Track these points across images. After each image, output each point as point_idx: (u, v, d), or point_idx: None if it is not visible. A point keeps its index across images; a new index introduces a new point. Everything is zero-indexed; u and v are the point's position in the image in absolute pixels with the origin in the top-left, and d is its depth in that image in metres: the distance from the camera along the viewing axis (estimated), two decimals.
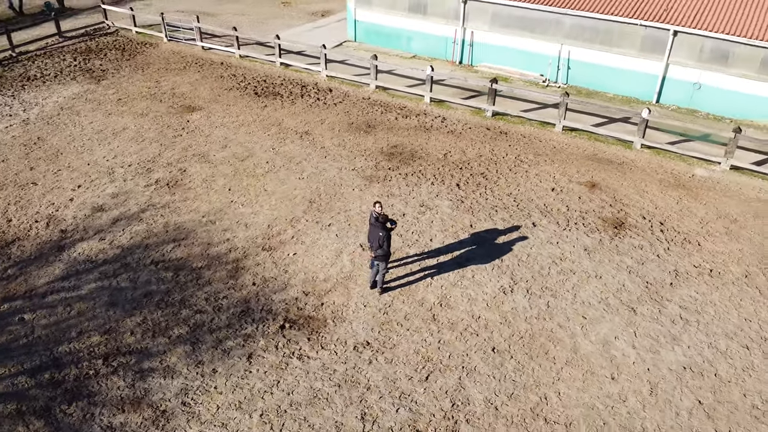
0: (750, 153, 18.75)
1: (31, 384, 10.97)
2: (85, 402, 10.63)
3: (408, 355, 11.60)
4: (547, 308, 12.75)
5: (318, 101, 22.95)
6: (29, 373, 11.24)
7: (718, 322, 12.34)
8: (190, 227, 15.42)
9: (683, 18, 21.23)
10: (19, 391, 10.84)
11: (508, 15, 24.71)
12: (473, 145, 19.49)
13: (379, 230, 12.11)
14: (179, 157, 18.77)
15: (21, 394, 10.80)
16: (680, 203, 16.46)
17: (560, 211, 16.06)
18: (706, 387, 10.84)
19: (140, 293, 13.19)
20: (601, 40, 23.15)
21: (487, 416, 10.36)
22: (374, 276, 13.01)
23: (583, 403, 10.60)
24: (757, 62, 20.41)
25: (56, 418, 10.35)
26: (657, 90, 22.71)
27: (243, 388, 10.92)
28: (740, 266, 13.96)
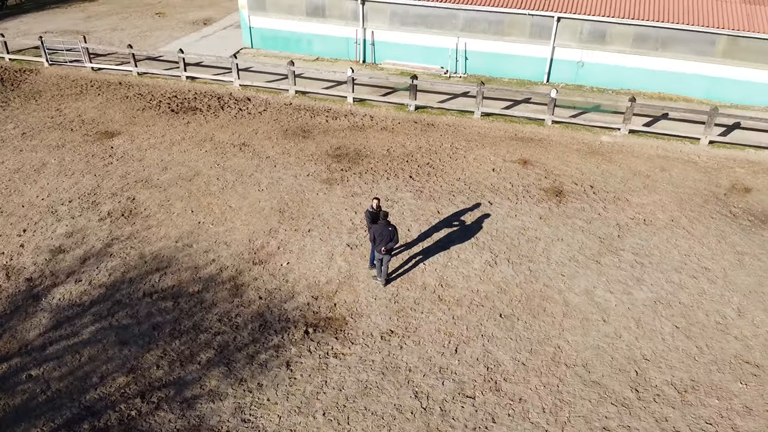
0: (638, 117, 22.05)
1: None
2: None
3: (431, 335, 12.73)
4: (530, 273, 14.51)
5: (241, 112, 22.95)
6: (65, 427, 10.80)
7: (666, 260, 14.89)
8: (169, 254, 15.17)
9: (565, 5, 24.16)
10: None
11: (406, 13, 26.28)
12: (409, 139, 20.85)
13: (387, 227, 13.05)
14: (121, 185, 18.07)
15: None
16: (600, 167, 19.12)
17: (507, 188, 17.96)
18: (676, 314, 13.21)
19: (147, 327, 12.96)
20: (494, 30, 25.54)
21: (519, 372, 11.84)
22: (377, 273, 13.95)
23: (590, 345, 12.47)
24: (630, 38, 23.88)
25: None
26: (546, 71, 25.61)
27: (295, 394, 11.40)
28: (665, 213, 16.77)
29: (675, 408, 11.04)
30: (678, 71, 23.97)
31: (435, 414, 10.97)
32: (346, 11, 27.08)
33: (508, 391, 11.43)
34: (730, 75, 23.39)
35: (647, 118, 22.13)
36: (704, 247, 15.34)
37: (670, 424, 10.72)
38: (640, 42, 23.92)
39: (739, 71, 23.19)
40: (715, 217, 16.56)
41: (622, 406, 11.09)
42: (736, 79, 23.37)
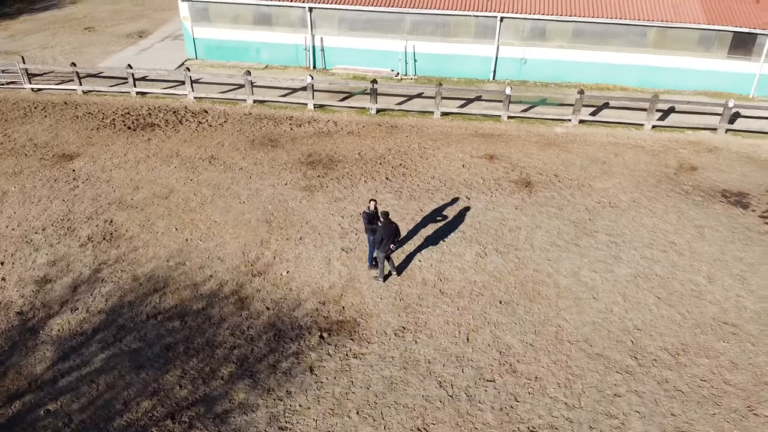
0: (584, 107, 23.62)
1: None
2: None
3: (441, 327, 13.39)
4: (519, 260, 15.46)
5: (201, 125, 22.72)
6: None
7: (636, 238, 16.26)
8: (163, 274, 15.01)
9: (507, 5, 25.44)
10: None
11: (354, 19, 26.79)
12: (377, 142, 21.41)
13: (390, 225, 13.60)
14: (94, 208, 17.58)
15: None
16: (559, 157, 20.44)
17: (480, 183, 18.90)
18: (655, 286, 14.53)
19: (159, 348, 12.87)
20: (441, 32, 26.50)
21: (529, 353, 12.71)
22: (391, 267, 14.53)
23: (586, 322, 13.53)
24: (569, 34, 25.49)
25: None
26: (492, 69, 26.86)
27: (325, 397, 11.75)
28: (626, 195, 18.23)
29: (672, 370, 12.24)
30: (614, 62, 25.82)
31: (462, 400, 11.64)
32: (293, 18, 27.24)
33: (523, 372, 12.26)
34: (661, 63, 25.46)
35: (592, 108, 23.76)
36: (667, 224, 16.86)
37: (671, 384, 11.91)
38: (578, 37, 25.59)
39: (669, 59, 25.30)
40: (670, 196, 18.18)
41: (627, 374, 12.18)
42: (667, 67, 25.47)
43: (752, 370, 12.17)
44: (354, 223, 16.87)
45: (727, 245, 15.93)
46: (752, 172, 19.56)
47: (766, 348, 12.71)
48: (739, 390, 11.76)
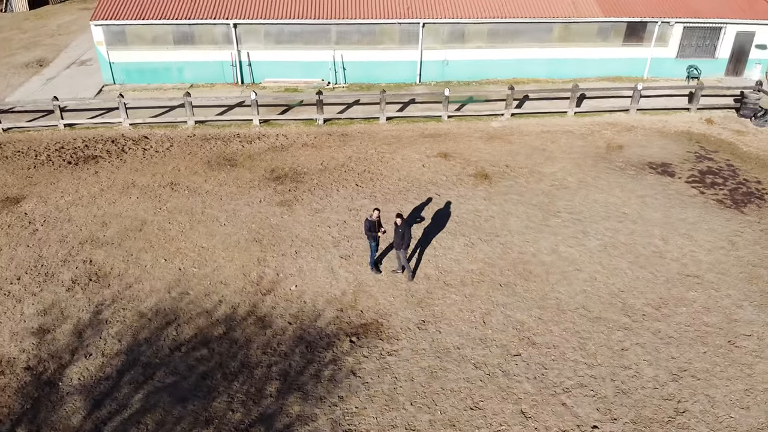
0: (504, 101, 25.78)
1: None
2: None
3: (457, 315, 14.51)
4: (503, 246, 16.96)
5: (146, 152, 22.08)
6: None
7: (594, 213, 18.36)
8: (169, 306, 14.82)
9: (428, 11, 26.99)
10: None
11: (280, 32, 27.10)
12: (335, 151, 22.06)
13: (406, 228, 14.55)
14: (66, 250, 16.77)
15: None
16: (504, 149, 22.29)
17: (444, 180, 20.23)
18: (624, 252, 16.63)
19: (196, 378, 12.85)
20: (367, 40, 27.54)
21: (540, 325, 14.19)
22: (398, 265, 15.41)
23: (578, 291, 15.26)
24: (485, 35, 27.54)
25: None
26: (418, 72, 28.35)
27: (376, 395, 12.44)
28: (572, 176, 20.38)
29: (660, 321, 14.27)
30: (525, 58, 28.28)
31: (499, 376, 12.85)
32: (217, 35, 27.00)
33: (541, 343, 13.71)
34: (566, 55, 28.28)
35: (516, 101, 25.95)
36: (614, 197, 19.17)
37: (664, 333, 13.90)
38: (493, 37, 27.74)
39: (573, 51, 28.18)
40: (608, 172, 20.60)
41: (626, 330, 14.02)
42: (571, 58, 28.34)
43: (722, 311, 14.50)
44: (342, 230, 17.52)
45: (669, 210, 18.49)
46: (667, 144, 22.59)
47: (727, 292, 15.14)
48: (717, 329, 14.00)
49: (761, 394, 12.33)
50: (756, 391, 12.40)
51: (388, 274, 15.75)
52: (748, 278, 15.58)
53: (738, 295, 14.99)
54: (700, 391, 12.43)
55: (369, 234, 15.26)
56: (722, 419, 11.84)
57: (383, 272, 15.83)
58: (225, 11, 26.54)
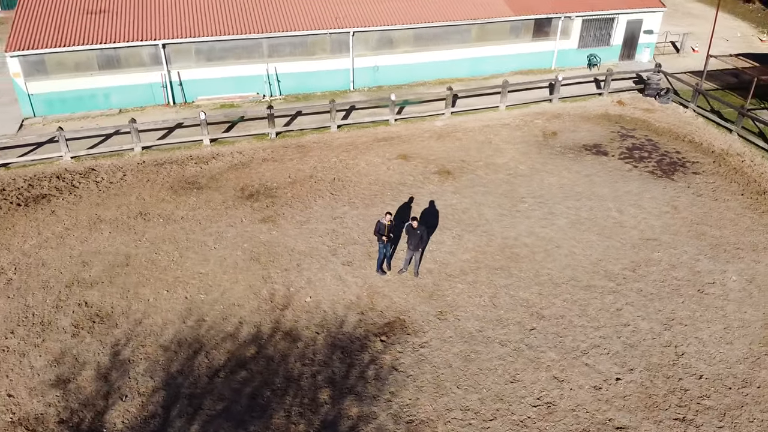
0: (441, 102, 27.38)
1: None
2: None
3: (468, 301, 15.72)
4: (487, 234, 18.42)
5: (99, 184, 21.17)
6: None
7: (553, 195, 20.34)
8: (190, 335, 14.71)
9: (357, 20, 27.91)
10: None
11: (211, 49, 26.80)
12: (298, 163, 22.41)
13: (424, 230, 15.56)
14: (54, 296, 15.95)
15: None
16: (455, 145, 23.83)
17: (411, 180, 21.35)
18: (589, 225, 18.70)
19: (246, 399, 13.03)
20: (300, 52, 27.96)
21: (543, 300, 15.76)
22: (414, 266, 16.32)
23: (564, 265, 17.05)
24: (411, 40, 28.96)
25: None
26: (351, 79, 29.22)
27: (424, 385, 13.34)
28: (523, 164, 22.34)
29: (638, 281, 16.40)
30: (448, 59, 30.08)
31: (525, 350, 14.24)
32: (145, 57, 26.16)
33: (550, 315, 15.30)
34: (483, 54, 30.44)
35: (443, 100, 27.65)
36: (565, 179, 21.33)
37: (646, 290, 16.03)
38: (419, 41, 29.25)
39: (490, 49, 30.39)
40: (553, 157, 22.80)
41: (615, 293, 15.99)
42: (489, 56, 30.56)
43: (685, 266, 16.93)
44: (335, 239, 18.11)
45: (614, 185, 20.93)
46: (592, 127, 25.30)
47: (683, 249, 17.64)
48: (686, 281, 16.37)
49: (737, 330, 14.73)
50: (732, 328, 14.78)
51: (394, 274, 16.64)
52: (696, 235, 18.23)
53: (693, 251, 17.54)
54: (690, 335, 14.61)
55: (379, 236, 16.06)
56: (714, 355, 14.04)
57: (388, 273, 16.67)
58: (153, 32, 25.79)
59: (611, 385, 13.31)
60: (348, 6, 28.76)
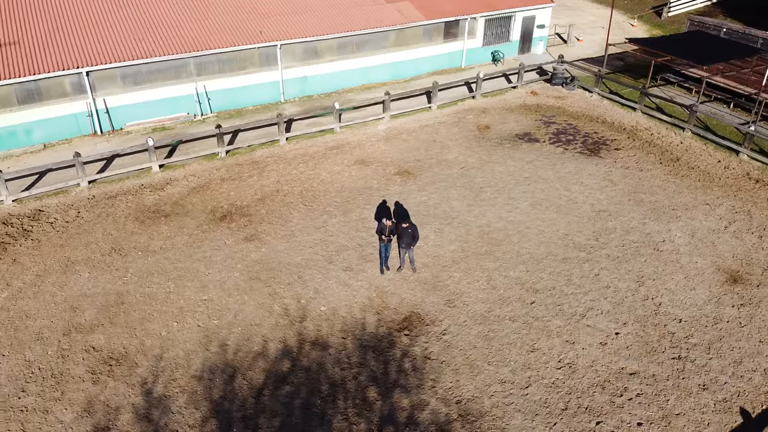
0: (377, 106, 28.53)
1: None
2: None
3: (468, 287, 17.09)
4: (462, 225, 19.89)
5: (55, 224, 19.99)
6: None
7: (508, 183, 22.27)
8: (218, 361, 14.73)
9: (282, 34, 28.23)
10: None
11: (137, 73, 25.89)
12: (259, 179, 22.50)
13: (414, 228, 16.52)
14: (53, 346, 15.15)
15: None
16: (404, 146, 25.10)
17: (376, 183, 22.31)
18: (548, 206, 20.81)
19: (299, 411, 13.43)
20: (229, 68, 27.77)
21: (531, 276, 17.51)
22: (411, 262, 17.31)
23: (539, 242, 18.95)
24: (335, 49, 29.79)
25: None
26: (281, 91, 29.49)
27: (459, 367, 14.51)
28: (471, 158, 24.10)
29: (604, 248, 18.70)
30: (371, 65, 31.28)
31: (533, 321, 15.88)
32: (68, 87, 24.71)
33: (542, 288, 17.08)
34: (402, 58, 31.99)
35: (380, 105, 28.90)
36: (512, 167, 23.40)
37: (612, 255, 18.34)
38: (343, 49, 30.15)
39: (407, 53, 32.00)
40: (495, 149, 24.82)
41: (589, 261, 18.13)
42: (406, 60, 32.16)
43: (637, 230, 19.52)
44: (326, 248, 18.68)
45: (554, 167, 23.33)
46: (518, 117, 27.73)
47: (630, 216, 20.26)
48: (641, 243, 18.91)
49: (695, 277, 17.43)
50: (691, 276, 17.46)
51: (395, 273, 17.61)
52: (636, 203, 20.99)
53: (638, 216, 20.23)
54: (660, 287, 17.06)
55: (380, 236, 16.98)
56: (685, 301, 16.57)
57: (386, 273, 17.61)
58: (74, 59, 24.43)
59: (613, 340, 15.32)
60: (272, 20, 28.99)
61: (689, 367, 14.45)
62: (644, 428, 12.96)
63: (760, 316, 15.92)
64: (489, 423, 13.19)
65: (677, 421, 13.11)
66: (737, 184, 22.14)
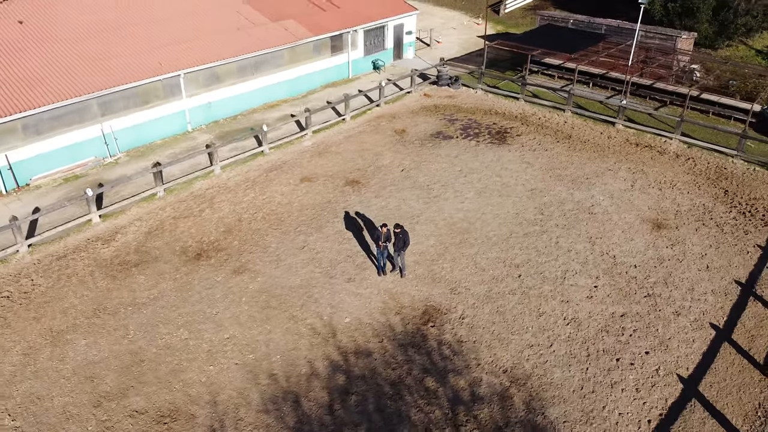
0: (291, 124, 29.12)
1: None
2: None
3: (463, 273, 19.04)
4: (430, 221, 21.74)
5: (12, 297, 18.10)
6: None
7: (445, 178, 24.54)
8: (276, 391, 15.04)
9: (183, 62, 27.56)
10: None
11: (38, 121, 23.78)
12: (214, 212, 22.17)
13: (406, 233, 18.03)
14: (93, 422, 14.27)
15: None
16: (339, 158, 26.19)
17: (331, 196, 23.23)
18: (490, 192, 23.45)
19: (376, 415, 14.39)
20: (134, 103, 26.51)
21: (508, 253, 19.97)
22: (401, 266, 18.72)
23: (498, 224, 21.48)
24: (235, 72, 29.75)
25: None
26: (187, 121, 28.76)
27: (490, 342, 16.43)
28: (405, 161, 26.00)
29: (551, 219, 21.78)
30: (269, 84, 31.67)
31: (529, 291, 18.32)
32: None
33: (520, 262, 19.60)
34: (297, 74, 32.80)
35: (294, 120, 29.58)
36: (443, 164, 25.75)
37: (561, 224, 21.48)
38: (242, 72, 30.18)
39: (301, 69, 32.88)
40: (420, 150, 26.97)
41: (545, 233, 21.05)
42: (301, 75, 33.04)
43: (570, 200, 22.94)
44: (320, 265, 19.39)
45: (477, 158, 26.13)
46: (425, 119, 30.18)
47: (557, 189, 23.65)
48: (578, 209, 22.33)
49: (629, 230, 21.19)
50: (626, 230, 21.19)
51: (395, 275, 18.97)
52: (556, 177, 24.54)
53: (564, 189, 23.74)
54: (608, 242, 20.54)
55: (377, 242, 18.22)
56: (631, 250, 20.16)
57: (385, 276, 18.93)
58: None
59: (595, 292, 18.34)
60: (170, 49, 28.12)
61: (659, 301, 17.93)
62: (651, 355, 16.04)
63: (689, 251, 20.06)
64: (537, 381, 15.34)
65: (671, 343, 16.40)
66: (624, 149, 26.84)
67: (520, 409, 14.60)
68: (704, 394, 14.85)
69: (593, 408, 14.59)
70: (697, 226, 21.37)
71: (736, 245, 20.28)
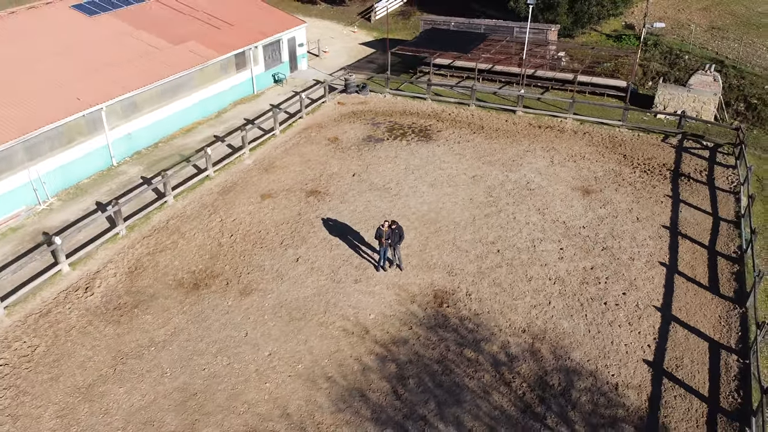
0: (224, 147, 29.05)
1: None
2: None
3: (450, 256, 21.16)
4: (402, 218, 23.46)
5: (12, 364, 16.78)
6: None
7: (396, 176, 26.41)
8: (344, 389, 16.01)
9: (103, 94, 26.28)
10: None
11: None
12: (187, 242, 21.90)
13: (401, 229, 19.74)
14: None
15: None
16: (290, 171, 26.81)
17: (299, 209, 23.99)
18: (440, 183, 25.77)
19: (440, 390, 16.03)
20: (58, 143, 24.86)
21: (482, 232, 22.48)
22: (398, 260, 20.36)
23: (461, 210, 23.91)
24: (153, 98, 28.88)
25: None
26: (111, 155, 27.41)
27: (508, 302, 18.77)
28: (352, 166, 27.39)
29: (502, 199, 24.69)
30: (185, 107, 31.09)
31: (512, 261, 20.96)
32: None
33: (494, 239, 22.21)
34: (208, 94, 32.49)
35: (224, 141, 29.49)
36: (389, 165, 27.58)
37: (510, 201, 24.48)
38: (159, 98, 29.35)
39: (211, 89, 32.63)
40: (361, 154, 28.49)
41: (501, 211, 23.88)
42: (212, 95, 32.78)
43: (508, 181, 26.06)
44: (322, 272, 20.32)
45: (414, 155, 28.33)
46: (350, 126, 31.65)
47: (494, 174, 26.67)
48: (518, 187, 25.51)
49: (565, 199, 24.77)
50: (563, 199, 24.75)
51: (395, 270, 20.54)
52: (488, 164, 27.58)
53: (499, 172, 26.82)
54: (553, 210, 23.91)
55: (379, 240, 19.70)
56: (574, 216, 23.69)
57: (386, 271, 20.47)
58: None
59: (563, 253, 21.51)
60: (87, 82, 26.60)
61: (614, 251, 21.58)
62: (628, 294, 19.49)
63: (619, 208, 24.10)
64: (551, 333, 18.00)
65: (638, 283, 20.01)
66: (531, 132, 30.76)
67: (549, 359, 17.14)
68: (678, 317, 18.56)
69: (605, 345, 17.59)
70: (615, 187, 25.64)
71: (650, 198, 24.80)
